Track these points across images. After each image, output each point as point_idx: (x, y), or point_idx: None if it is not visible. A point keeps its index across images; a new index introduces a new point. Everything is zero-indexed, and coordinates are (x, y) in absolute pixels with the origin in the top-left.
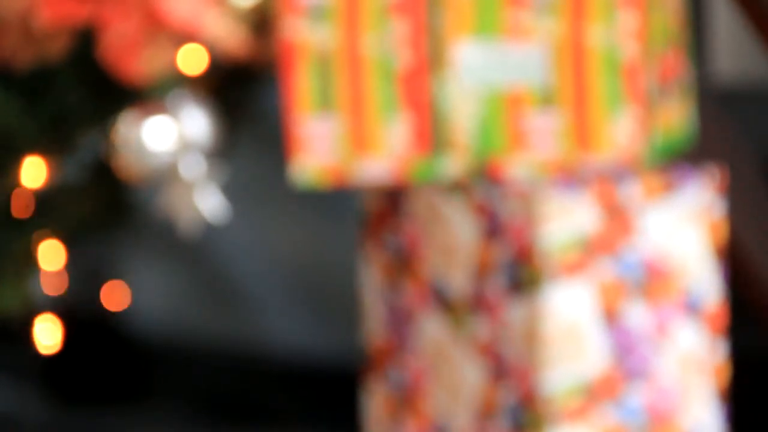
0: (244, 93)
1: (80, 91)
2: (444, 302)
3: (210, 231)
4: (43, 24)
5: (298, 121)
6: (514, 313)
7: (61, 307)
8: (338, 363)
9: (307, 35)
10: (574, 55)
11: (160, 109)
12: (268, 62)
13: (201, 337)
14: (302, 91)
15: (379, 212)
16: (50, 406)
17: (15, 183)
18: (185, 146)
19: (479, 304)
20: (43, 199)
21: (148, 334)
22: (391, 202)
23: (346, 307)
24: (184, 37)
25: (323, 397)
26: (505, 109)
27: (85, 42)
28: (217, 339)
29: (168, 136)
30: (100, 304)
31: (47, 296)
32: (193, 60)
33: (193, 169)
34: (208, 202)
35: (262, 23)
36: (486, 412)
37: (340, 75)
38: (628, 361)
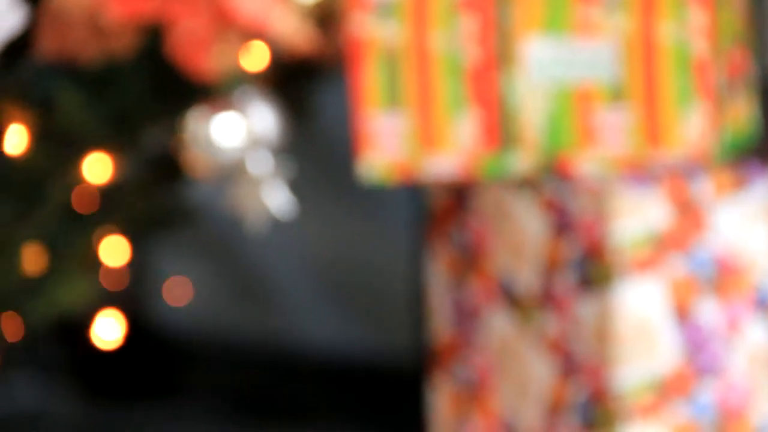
0: (306, 89)
1: (146, 87)
2: (511, 298)
3: (241, 228)
4: (112, 20)
5: (365, 117)
6: (584, 309)
7: (121, 303)
8: (371, 360)
9: (374, 31)
10: (644, 52)
11: (228, 105)
12: (330, 58)
13: (232, 334)
14: (370, 88)
15: (445, 209)
16: (80, 401)
17: (78, 179)
18: (253, 142)
19: (548, 300)
20: (107, 195)
21: (179, 330)
22: (457, 198)
23: (379, 304)
24: (251, 33)
25: (355, 394)
26: (574, 105)
27: (151, 38)
28: (248, 336)
29: (236, 133)
30: (132, 301)
31: (108, 292)
32: (256, 56)
33: (261, 165)
34: (276, 199)
35: (325, 19)
36: (555, 409)
37: (408, 71)
38: (699, 358)
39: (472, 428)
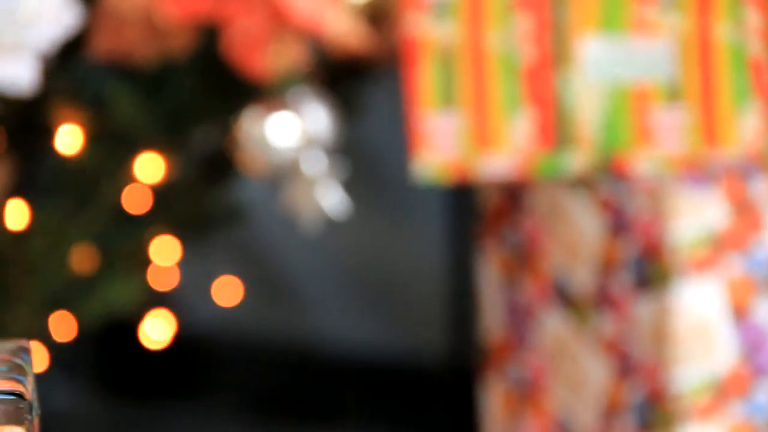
0: (356, 89)
1: (199, 87)
2: (566, 298)
3: (265, 227)
4: (167, 20)
5: (420, 117)
6: (641, 309)
7: (171, 303)
8: (402, 361)
9: (429, 31)
10: (700, 51)
11: (282, 105)
12: (380, 57)
13: (256, 333)
14: (425, 87)
15: (497, 208)
16: (104, 400)
17: (130, 179)
18: (307, 142)
19: (604, 300)
20: (158, 194)
21: (202, 329)
22: (510, 197)
23: (404, 304)
24: (306, 32)
25: (385, 396)
26: (630, 105)
27: (205, 38)
28: (272, 336)
29: (290, 132)
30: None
31: (156, 292)
32: (310, 55)
33: (315, 165)
34: (329, 199)
35: (376, 18)
36: (611, 409)
37: (463, 71)
38: (756, 358)
39: (525, 428)
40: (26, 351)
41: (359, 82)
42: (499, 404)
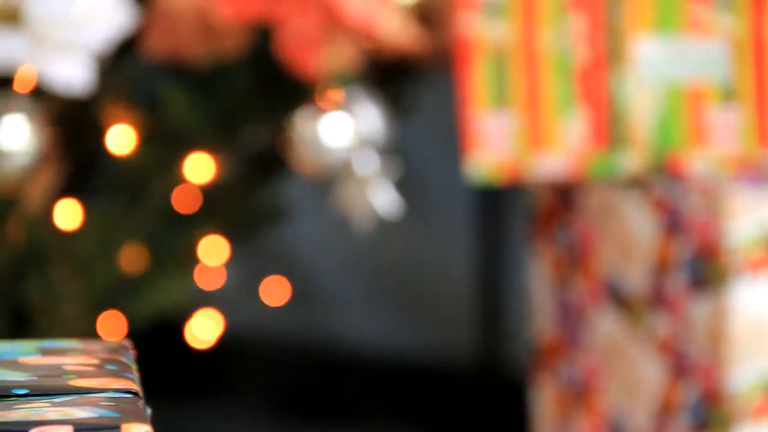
0: (406, 89)
1: (251, 87)
2: (619, 298)
3: (289, 227)
4: (221, 20)
5: (473, 117)
6: (697, 310)
7: (219, 302)
8: (422, 361)
9: (482, 30)
10: (754, 51)
11: (335, 104)
12: (430, 57)
13: (282, 333)
14: (478, 87)
15: (549, 208)
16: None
17: (180, 179)
18: (360, 142)
19: (658, 300)
20: (207, 194)
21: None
22: (561, 197)
23: (431, 304)
24: (359, 33)
25: (407, 395)
26: (685, 105)
27: (258, 38)
28: (298, 335)
29: (343, 132)
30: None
31: (204, 291)
32: (362, 55)
33: (367, 164)
34: (382, 199)
35: (425, 18)
36: (665, 410)
37: (516, 70)
38: None
39: (577, 429)
40: (127, 350)
41: (408, 82)
42: (550, 405)
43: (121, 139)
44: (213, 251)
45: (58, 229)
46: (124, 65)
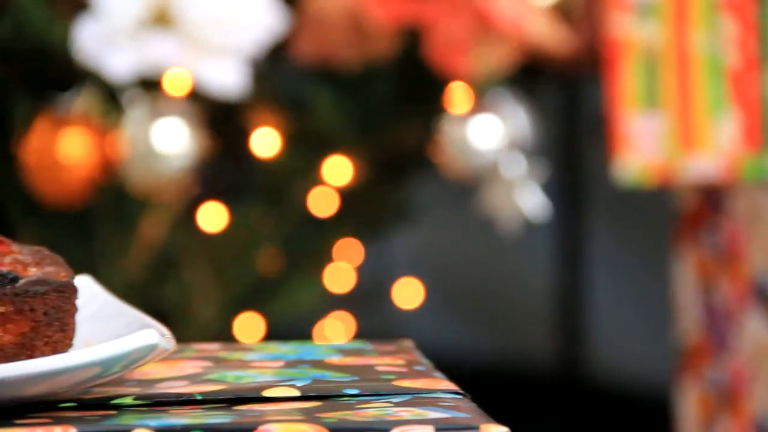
0: (547, 90)
1: (396, 90)
2: None
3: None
4: (373, 23)
5: (623, 118)
6: None
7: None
8: (503, 367)
9: (634, 31)
10: None
11: (484, 107)
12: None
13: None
14: (628, 89)
15: (695, 211)
16: None
17: (319, 181)
18: (509, 144)
19: None
20: (344, 196)
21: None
22: (708, 200)
23: (508, 312)
24: (508, 35)
25: (487, 402)
26: None
27: (405, 40)
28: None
29: (492, 135)
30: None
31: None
32: (510, 58)
33: (515, 167)
34: (529, 201)
35: (563, 19)
36: None
37: (667, 72)
38: None
39: (723, 431)
40: (416, 349)
41: (551, 83)
42: (695, 407)
43: (265, 142)
44: (347, 253)
45: (200, 230)
46: (272, 68)
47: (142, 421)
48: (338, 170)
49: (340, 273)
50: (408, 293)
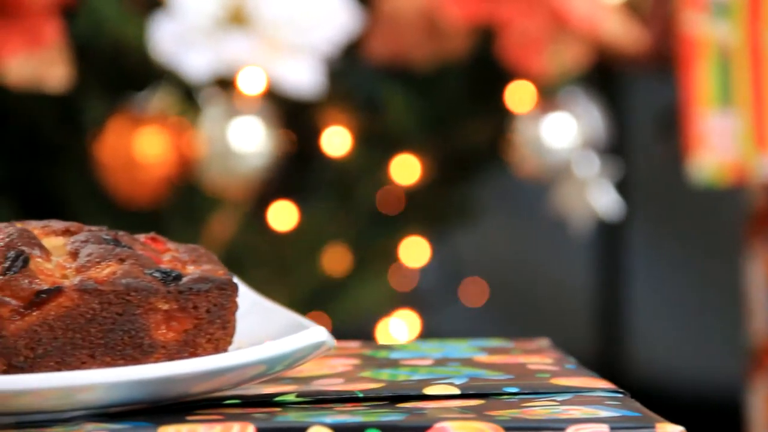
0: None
1: (468, 89)
2: None
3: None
4: (448, 21)
5: (698, 117)
6: None
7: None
8: None
9: (709, 31)
10: None
11: (558, 106)
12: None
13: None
14: (703, 87)
15: (766, 209)
16: None
17: (387, 180)
18: (582, 143)
19: None
20: (411, 195)
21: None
22: None
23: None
24: (584, 34)
25: None
26: None
27: (478, 39)
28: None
29: (566, 133)
30: None
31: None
32: (583, 56)
33: (588, 166)
34: (603, 200)
35: (633, 19)
36: None
37: (742, 71)
38: None
39: None
40: (552, 347)
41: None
42: (766, 406)
43: (336, 140)
44: (413, 252)
45: (269, 229)
46: (345, 67)
47: (318, 418)
48: (406, 169)
49: (405, 271)
50: (472, 293)
